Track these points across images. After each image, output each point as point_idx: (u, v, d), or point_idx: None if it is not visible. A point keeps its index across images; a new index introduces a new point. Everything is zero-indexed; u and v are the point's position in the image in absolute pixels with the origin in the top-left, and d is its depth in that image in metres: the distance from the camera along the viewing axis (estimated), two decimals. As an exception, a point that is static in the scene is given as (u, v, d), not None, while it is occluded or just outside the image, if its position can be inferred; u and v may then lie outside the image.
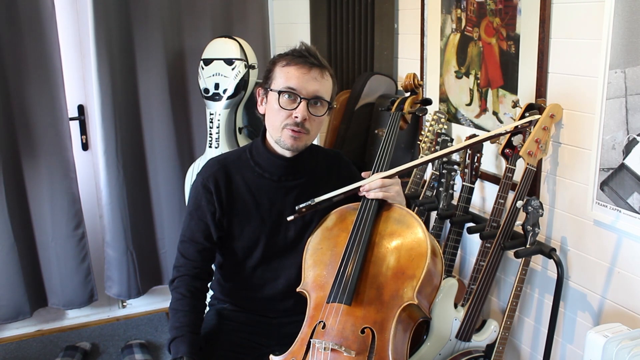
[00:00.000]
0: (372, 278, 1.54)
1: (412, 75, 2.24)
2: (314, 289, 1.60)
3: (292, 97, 1.59)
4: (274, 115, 1.62)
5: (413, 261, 1.53)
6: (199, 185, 1.69)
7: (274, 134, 1.64)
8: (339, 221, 1.69)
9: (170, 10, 2.75)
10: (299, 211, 1.60)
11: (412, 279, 1.50)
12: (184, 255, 1.70)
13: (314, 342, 1.48)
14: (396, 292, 1.50)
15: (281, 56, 1.65)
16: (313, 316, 1.55)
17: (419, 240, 1.55)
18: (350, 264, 1.54)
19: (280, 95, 1.59)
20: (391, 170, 1.65)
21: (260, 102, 1.69)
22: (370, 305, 1.50)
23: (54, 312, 2.96)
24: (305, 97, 1.58)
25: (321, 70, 1.61)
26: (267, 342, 1.75)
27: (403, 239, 1.58)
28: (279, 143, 1.64)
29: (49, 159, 2.65)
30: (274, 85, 1.62)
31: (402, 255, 1.55)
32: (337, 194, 1.62)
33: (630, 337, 1.53)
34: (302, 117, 1.58)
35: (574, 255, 1.96)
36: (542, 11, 1.92)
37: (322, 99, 1.62)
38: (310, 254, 1.66)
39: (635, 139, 1.65)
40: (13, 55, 2.52)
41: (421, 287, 1.50)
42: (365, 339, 1.46)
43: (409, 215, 1.61)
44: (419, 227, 1.57)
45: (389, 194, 1.62)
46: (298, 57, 1.60)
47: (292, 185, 1.70)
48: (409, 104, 2.21)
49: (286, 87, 1.58)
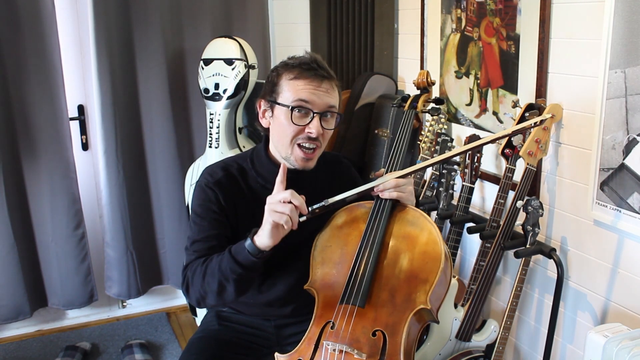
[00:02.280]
0: (385, 280, 1.52)
1: (426, 73, 2.20)
2: (322, 288, 1.57)
3: (304, 112, 1.53)
4: (282, 130, 1.55)
5: (427, 265, 1.50)
6: (205, 188, 1.61)
7: (283, 150, 1.58)
8: (349, 220, 1.65)
9: (170, 10, 2.75)
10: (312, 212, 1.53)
11: (425, 283, 1.48)
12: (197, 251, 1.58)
13: (326, 344, 1.45)
14: (409, 296, 1.48)
15: (287, 68, 1.57)
16: (321, 315, 1.52)
17: (433, 244, 1.53)
18: (363, 265, 1.52)
19: (293, 110, 1.53)
20: (406, 170, 1.61)
21: (263, 114, 1.62)
22: (382, 307, 1.48)
23: (54, 312, 2.96)
24: (318, 112, 1.53)
25: (330, 82, 1.56)
26: (267, 344, 1.74)
27: (416, 242, 1.55)
28: (288, 160, 1.58)
29: (49, 159, 2.65)
30: (282, 99, 1.55)
31: (415, 258, 1.53)
32: (351, 194, 1.57)
33: (630, 337, 1.53)
34: (317, 133, 1.53)
35: (574, 255, 1.96)
36: (542, 11, 1.92)
37: (332, 111, 1.57)
38: (319, 251, 1.62)
39: (635, 139, 1.65)
40: (13, 55, 2.52)
41: (434, 292, 1.48)
42: (376, 341, 1.44)
43: (422, 218, 1.59)
44: (433, 230, 1.55)
45: (403, 194, 1.59)
46: (307, 70, 1.54)
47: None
48: (422, 102, 2.18)
49: (298, 102, 1.52)
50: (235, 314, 1.78)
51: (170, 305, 3.23)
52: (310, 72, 1.53)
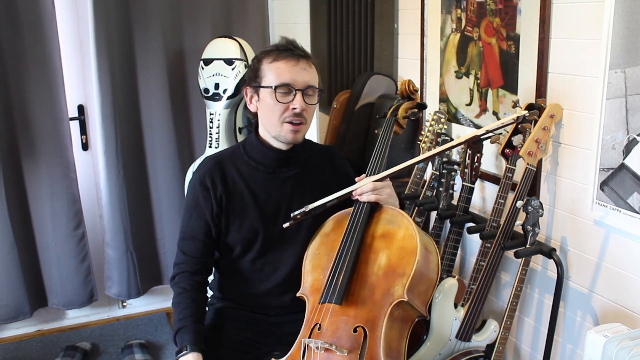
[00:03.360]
0: (364, 278, 1.57)
1: (407, 82, 2.28)
2: (311, 293, 1.64)
3: (287, 90, 1.63)
4: (269, 111, 1.66)
5: (403, 259, 1.55)
6: (196, 183, 1.72)
7: (273, 129, 1.68)
8: (335, 226, 1.72)
9: (170, 10, 2.75)
10: (294, 218, 1.66)
11: (402, 276, 1.53)
12: (185, 252, 1.72)
13: (308, 342, 1.50)
14: (387, 291, 1.53)
15: (265, 53, 1.68)
16: (310, 319, 1.57)
17: (409, 238, 1.58)
18: (341, 265, 1.58)
19: (276, 90, 1.62)
20: (382, 173, 1.70)
21: (250, 100, 1.73)
22: (362, 304, 1.53)
23: (54, 312, 2.96)
24: (299, 89, 1.63)
25: (307, 60, 1.67)
26: (267, 341, 1.76)
27: (394, 238, 1.61)
28: (279, 138, 1.69)
29: (49, 159, 2.65)
30: (265, 82, 1.66)
31: (392, 253, 1.58)
32: (330, 199, 1.67)
33: (630, 337, 1.53)
34: (301, 108, 1.63)
35: (574, 255, 1.96)
36: (542, 11, 1.92)
37: (313, 87, 1.67)
38: (309, 260, 1.70)
39: (635, 139, 1.65)
40: (13, 55, 2.52)
41: (412, 285, 1.52)
42: (357, 337, 1.48)
43: (400, 216, 1.64)
44: (410, 225, 1.60)
45: (381, 197, 1.67)
46: (284, 51, 1.65)
47: (287, 175, 1.75)
48: (404, 110, 2.25)
49: (280, 82, 1.63)
50: (235, 310, 1.80)
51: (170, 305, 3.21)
52: (287, 52, 1.65)
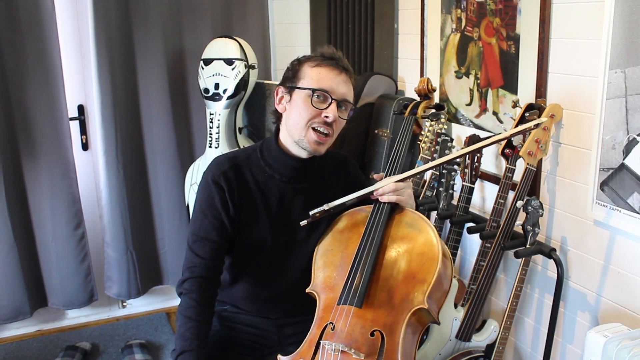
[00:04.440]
0: (383, 281, 1.53)
1: (426, 80, 2.26)
2: (323, 290, 1.60)
3: (323, 97, 1.59)
4: (299, 113, 1.60)
5: (424, 265, 1.52)
6: (210, 182, 1.64)
7: (296, 133, 1.62)
8: (350, 223, 1.68)
9: (170, 10, 2.75)
10: (313, 216, 1.60)
11: (423, 283, 1.50)
12: (198, 254, 1.61)
13: (324, 344, 1.47)
14: (406, 296, 1.50)
15: (309, 57, 1.65)
16: (322, 317, 1.54)
17: (430, 245, 1.55)
18: (361, 267, 1.54)
19: (314, 93, 1.58)
20: (404, 174, 1.66)
21: (280, 101, 1.67)
22: (380, 308, 1.50)
23: (54, 312, 2.96)
24: (336, 99, 1.59)
25: (348, 74, 1.64)
26: (269, 343, 1.75)
27: (414, 243, 1.57)
28: (300, 143, 1.62)
29: (49, 159, 2.65)
30: (302, 84, 1.61)
31: (413, 259, 1.55)
32: (351, 198, 1.62)
33: (630, 337, 1.53)
34: (334, 117, 1.59)
35: (574, 255, 1.96)
36: (542, 11, 1.92)
37: (349, 102, 1.64)
38: (321, 255, 1.66)
39: (635, 139, 1.65)
40: (13, 55, 2.52)
41: (432, 292, 1.49)
42: (374, 341, 1.45)
43: (420, 220, 1.61)
44: (430, 232, 1.57)
45: (402, 198, 1.63)
46: (329, 59, 1.62)
47: (302, 187, 1.70)
48: (422, 109, 2.22)
49: (319, 86, 1.59)
50: (236, 313, 1.79)
51: (170, 305, 3.23)
52: (331, 61, 1.62)
